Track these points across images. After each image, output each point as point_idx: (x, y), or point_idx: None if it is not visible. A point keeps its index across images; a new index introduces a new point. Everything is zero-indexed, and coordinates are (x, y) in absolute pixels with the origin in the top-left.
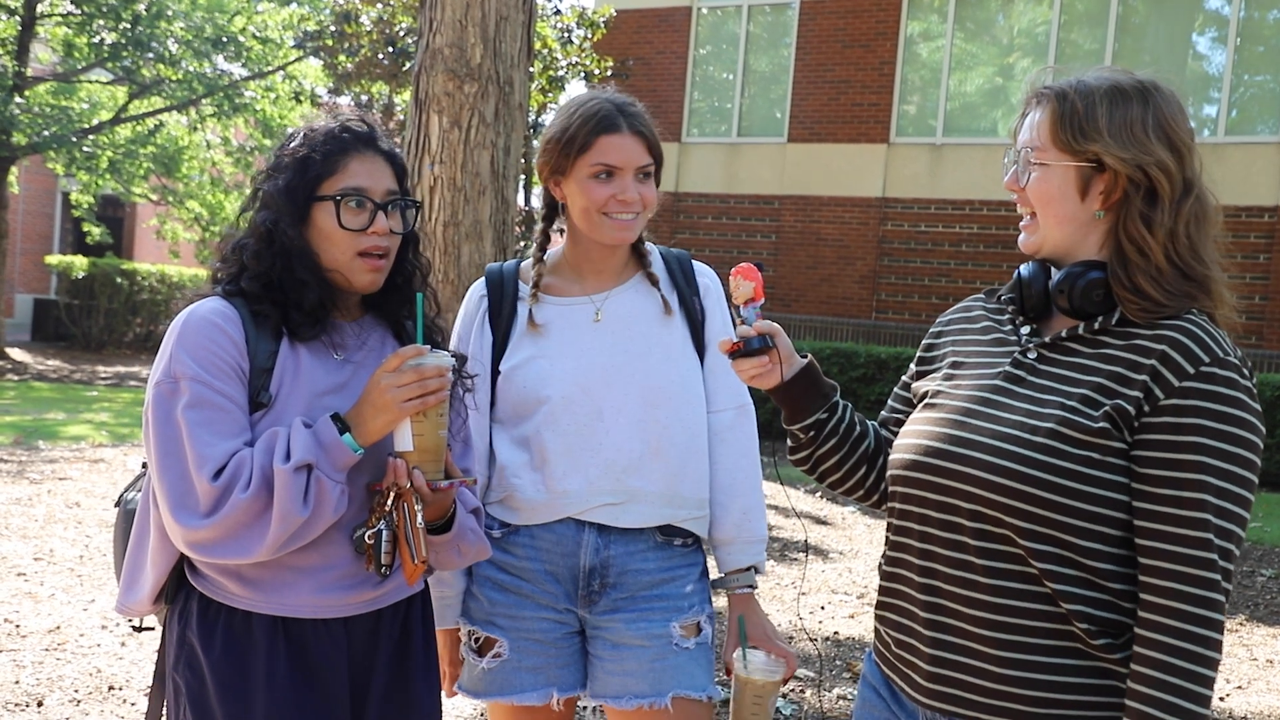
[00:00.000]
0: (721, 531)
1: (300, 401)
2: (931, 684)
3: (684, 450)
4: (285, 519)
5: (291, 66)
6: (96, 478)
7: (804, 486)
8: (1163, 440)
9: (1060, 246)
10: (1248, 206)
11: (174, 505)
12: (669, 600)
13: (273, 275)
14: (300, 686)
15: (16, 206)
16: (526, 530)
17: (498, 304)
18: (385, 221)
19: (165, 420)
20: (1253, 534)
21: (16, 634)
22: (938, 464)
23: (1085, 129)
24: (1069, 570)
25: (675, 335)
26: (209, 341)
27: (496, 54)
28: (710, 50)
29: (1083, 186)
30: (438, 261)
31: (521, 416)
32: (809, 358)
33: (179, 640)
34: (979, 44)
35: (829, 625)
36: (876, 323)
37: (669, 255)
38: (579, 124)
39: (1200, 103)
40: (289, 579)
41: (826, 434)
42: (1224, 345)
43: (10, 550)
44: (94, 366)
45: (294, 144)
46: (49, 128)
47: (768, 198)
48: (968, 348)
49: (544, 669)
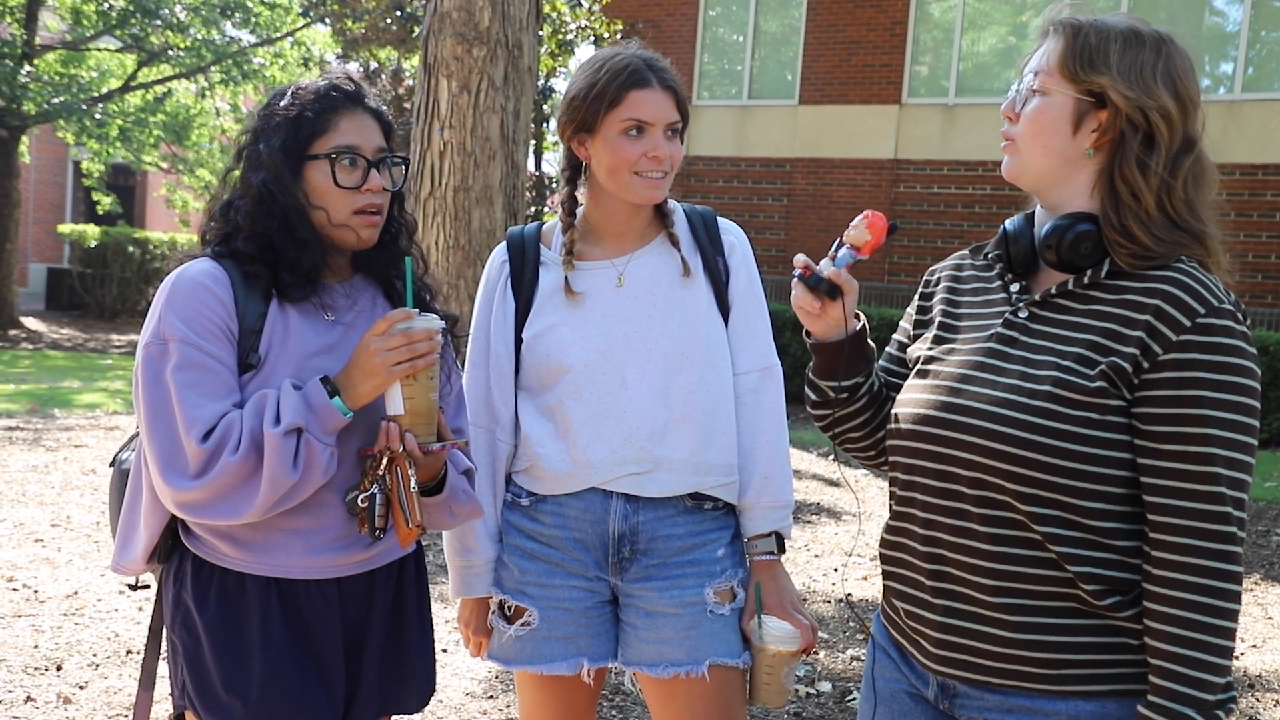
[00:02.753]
0: (743, 496)
1: (289, 363)
2: (941, 650)
3: (710, 415)
4: (275, 482)
5: (300, 32)
6: (111, 444)
7: (816, 449)
8: (1166, 396)
9: (1043, 178)
10: (1265, 164)
11: (163, 466)
12: (701, 565)
13: (270, 235)
14: (295, 646)
15: (28, 176)
16: (554, 499)
17: (519, 269)
18: (378, 178)
19: (154, 382)
20: (1267, 493)
21: (35, 599)
22: (936, 433)
23: (1095, 61)
24: (1072, 533)
25: (699, 297)
26: (197, 303)
27: (505, 17)
28: (720, 12)
29: (1076, 120)
30: (448, 226)
31: (545, 385)
32: (863, 321)
33: (174, 601)
34: (992, 2)
35: (843, 587)
36: (889, 285)
37: (693, 213)
38: (608, 78)
39: (1217, 60)
40: (281, 540)
41: (860, 395)
42: (1216, 292)
43: (28, 517)
44: (107, 335)
45: (283, 103)
46: (58, 96)
47: (779, 160)
48: (958, 309)
49: (574, 638)
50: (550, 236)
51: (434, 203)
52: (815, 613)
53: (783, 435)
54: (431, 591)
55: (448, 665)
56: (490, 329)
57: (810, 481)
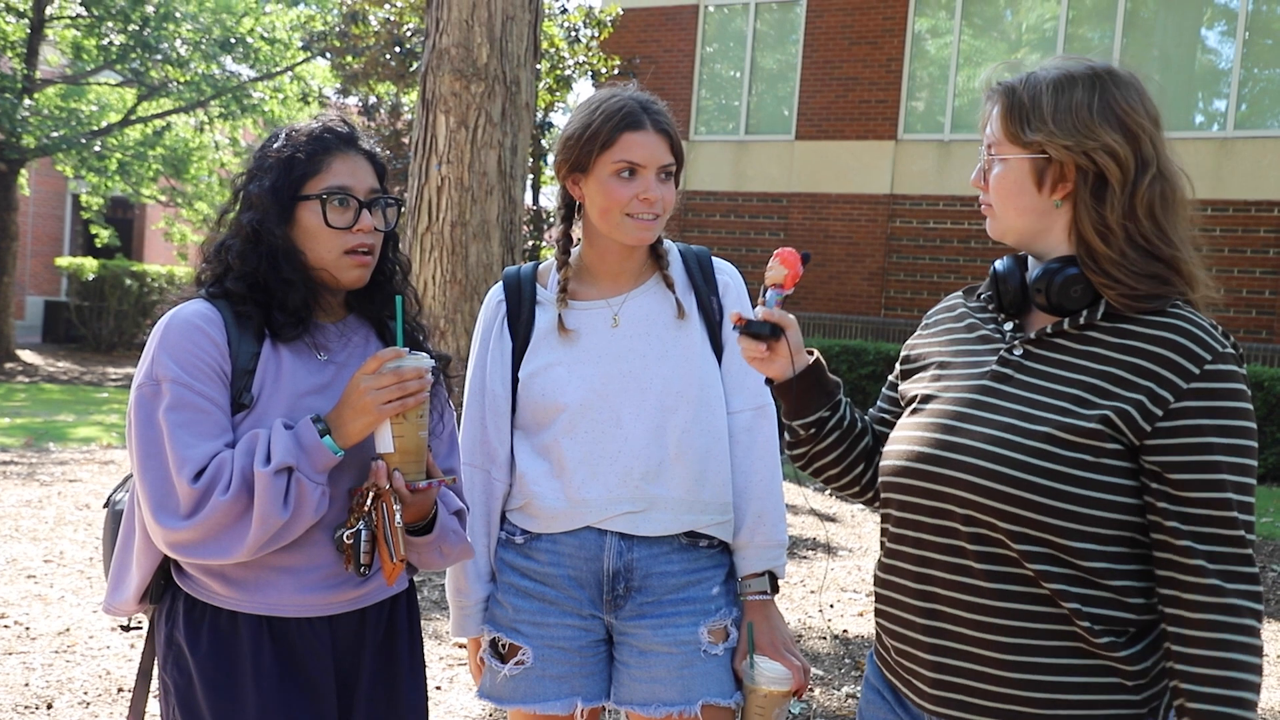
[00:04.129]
0: (737, 535)
1: (282, 402)
2: (936, 690)
3: (705, 455)
4: (265, 521)
5: (299, 67)
6: (106, 479)
7: (813, 484)
8: (1182, 444)
9: (1024, 235)
10: (1258, 201)
11: (155, 507)
12: (696, 603)
13: (259, 275)
14: (288, 684)
15: (26, 209)
16: (548, 537)
17: (515, 309)
18: (370, 219)
19: (147, 422)
20: (1263, 529)
21: (26, 636)
22: (930, 470)
23: (1030, 119)
24: (1062, 570)
25: (694, 337)
26: (190, 344)
27: (503, 54)
28: (717, 48)
29: (1038, 177)
30: (445, 261)
31: (541, 424)
32: (816, 355)
33: (166, 640)
34: (987, 39)
35: (838, 623)
36: (885, 320)
37: (688, 254)
38: (602, 119)
39: (1210, 97)
40: (272, 579)
41: (828, 431)
42: (1218, 338)
43: (20, 552)
44: (104, 368)
45: (276, 145)
46: (58, 130)
47: (776, 195)
48: (953, 346)
49: (568, 678)
50: (546, 275)
51: (431, 238)
52: (810, 649)
53: (777, 474)
54: (426, 628)
55: (441, 703)
56: (487, 368)
57: (806, 517)
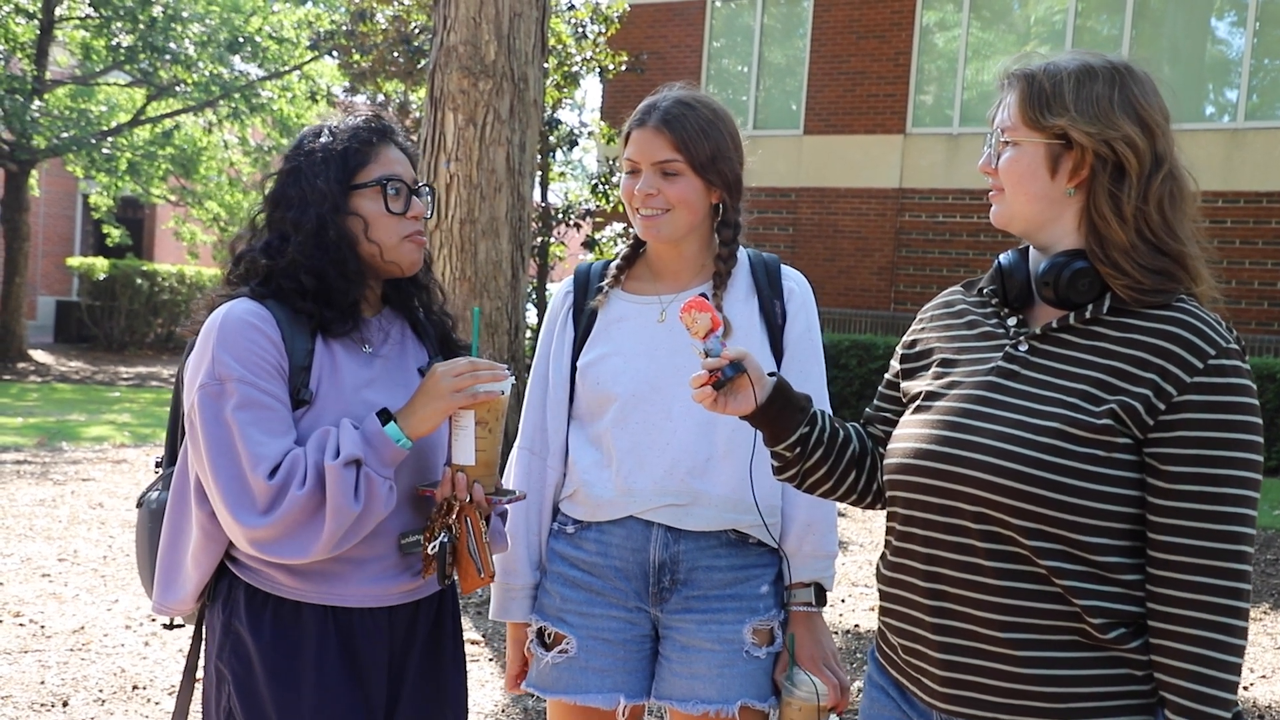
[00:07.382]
0: (785, 541)
1: (340, 396)
2: (945, 688)
3: (753, 455)
4: (338, 514)
5: (307, 66)
6: (119, 478)
7: None
8: (1181, 437)
9: (1031, 222)
10: (1269, 192)
11: (232, 505)
12: (743, 600)
13: (326, 271)
14: (346, 674)
15: (37, 209)
16: (597, 526)
17: (581, 300)
18: (419, 205)
19: (215, 421)
20: (1275, 521)
21: (41, 634)
22: (939, 467)
23: (1051, 105)
24: (1075, 566)
25: (752, 338)
26: (249, 342)
27: (511, 51)
28: (725, 43)
29: (1052, 164)
30: (455, 259)
31: (595, 415)
32: (777, 375)
33: (224, 628)
34: (995, 32)
35: (849, 618)
36: (895, 314)
37: (757, 260)
38: (628, 119)
39: (1220, 88)
40: (338, 569)
41: (812, 447)
42: (1222, 333)
43: (35, 551)
44: (115, 367)
45: (323, 140)
46: (68, 130)
47: (784, 190)
48: (955, 344)
49: (611, 671)
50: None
51: (440, 235)
52: None
53: None
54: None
55: None
56: (549, 358)
57: None
